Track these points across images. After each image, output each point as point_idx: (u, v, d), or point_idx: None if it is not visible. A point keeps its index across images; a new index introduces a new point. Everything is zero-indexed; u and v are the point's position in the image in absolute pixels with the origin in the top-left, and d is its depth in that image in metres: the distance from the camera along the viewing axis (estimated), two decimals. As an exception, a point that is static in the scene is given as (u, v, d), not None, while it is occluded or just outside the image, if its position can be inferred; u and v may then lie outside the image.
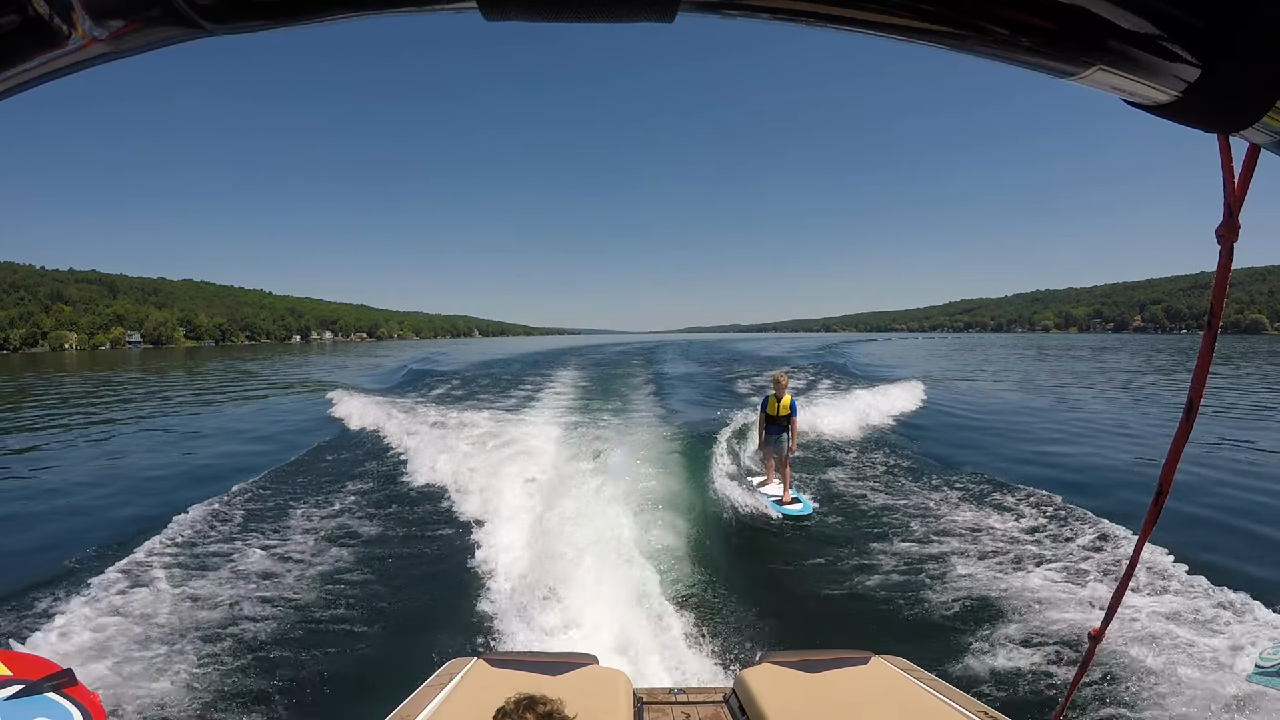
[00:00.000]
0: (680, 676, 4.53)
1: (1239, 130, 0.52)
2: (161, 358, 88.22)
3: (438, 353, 63.87)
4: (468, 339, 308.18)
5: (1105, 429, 15.45)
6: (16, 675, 1.51)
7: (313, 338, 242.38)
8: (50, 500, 10.13)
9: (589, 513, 7.22)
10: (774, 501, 8.48)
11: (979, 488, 9.39)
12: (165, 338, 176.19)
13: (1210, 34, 0.44)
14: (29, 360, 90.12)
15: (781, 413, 8.80)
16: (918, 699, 2.49)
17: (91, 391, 30.83)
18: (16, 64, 0.45)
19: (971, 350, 72.09)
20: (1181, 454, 1.01)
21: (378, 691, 4.21)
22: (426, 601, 6.02)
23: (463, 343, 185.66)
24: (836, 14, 0.46)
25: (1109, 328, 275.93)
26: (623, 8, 0.44)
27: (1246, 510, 8.59)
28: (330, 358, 74.05)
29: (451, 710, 2.34)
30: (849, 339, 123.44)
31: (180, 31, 0.45)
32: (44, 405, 24.78)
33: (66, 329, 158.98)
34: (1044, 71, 0.50)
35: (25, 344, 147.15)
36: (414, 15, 0.47)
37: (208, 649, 5.01)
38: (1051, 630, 5.14)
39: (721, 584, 6.26)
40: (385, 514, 8.61)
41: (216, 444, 15.11)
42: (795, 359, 41.42)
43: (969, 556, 6.76)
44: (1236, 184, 0.73)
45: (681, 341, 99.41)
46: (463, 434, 12.72)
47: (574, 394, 22.16)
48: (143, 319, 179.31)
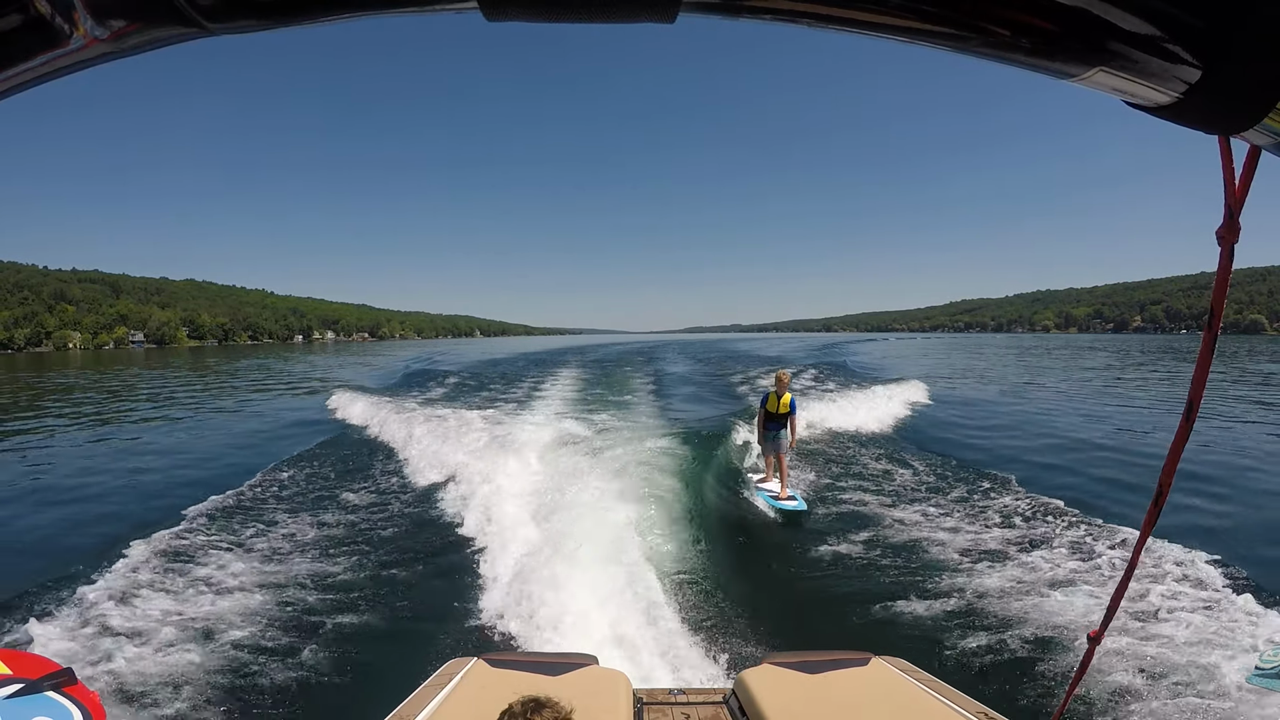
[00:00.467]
0: (680, 677, 4.54)
1: (1239, 132, 0.52)
2: (165, 357, 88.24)
3: (439, 352, 64.27)
4: (469, 339, 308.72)
5: (1107, 429, 15.31)
6: (16, 674, 1.51)
7: (315, 338, 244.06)
8: (50, 499, 10.05)
9: (589, 512, 7.24)
10: (770, 498, 8.52)
11: (979, 488, 9.36)
12: (168, 337, 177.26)
13: (1210, 35, 0.44)
14: (34, 360, 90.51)
15: (781, 410, 8.84)
16: (918, 700, 2.50)
17: (113, 390, 31.08)
18: (18, 63, 0.45)
19: (959, 350, 72.68)
20: (1181, 455, 1.01)
21: (378, 691, 4.25)
22: (426, 601, 6.01)
23: (464, 343, 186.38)
24: (838, 15, 0.47)
25: (1109, 328, 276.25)
26: (624, 8, 0.45)
27: (1251, 507, 8.53)
28: (333, 357, 74.40)
29: (451, 710, 2.35)
30: (846, 339, 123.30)
31: (181, 31, 0.45)
32: (35, 405, 24.70)
33: (70, 329, 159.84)
34: (1045, 73, 0.50)
35: (30, 343, 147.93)
36: (415, 15, 0.47)
37: (207, 648, 5.01)
38: (1051, 632, 5.15)
39: (722, 584, 6.28)
40: (385, 513, 8.60)
41: (217, 443, 15.06)
42: (794, 358, 41.51)
43: (968, 557, 6.76)
44: (1237, 185, 0.73)
45: (682, 341, 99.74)
46: (463, 433, 12.69)
47: (575, 393, 22.12)
48: (146, 319, 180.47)
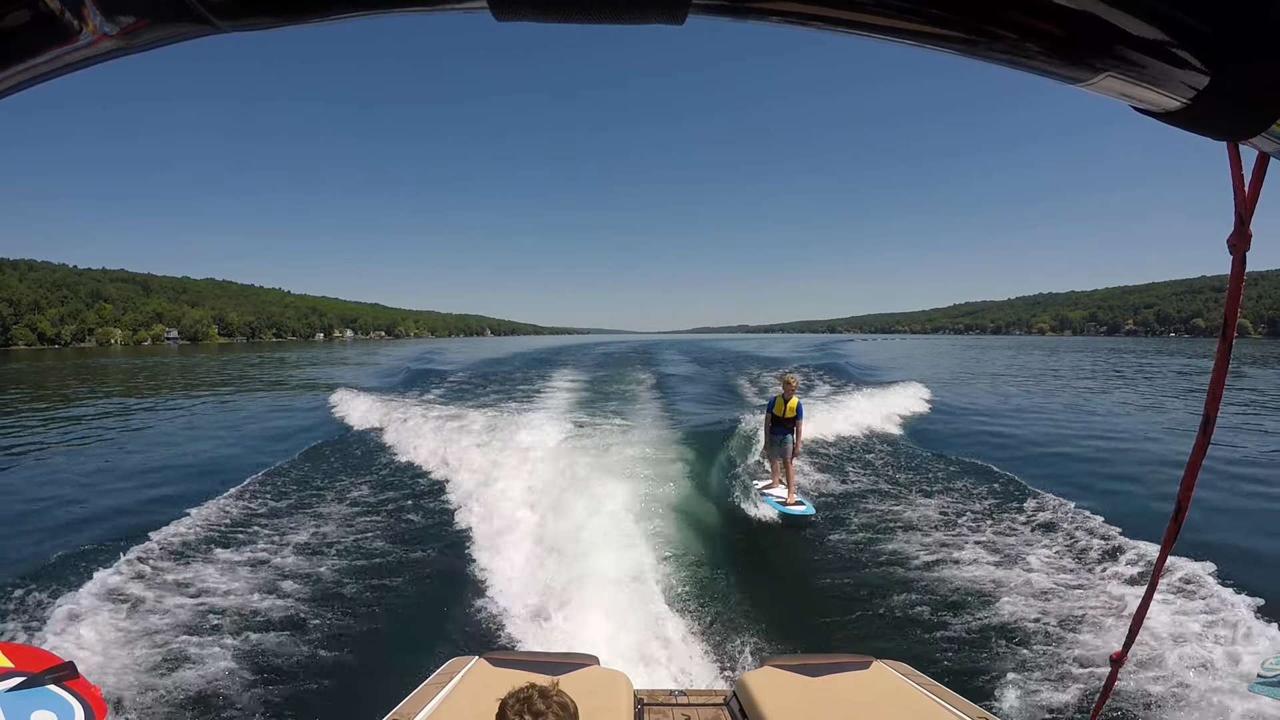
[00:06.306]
0: (681, 678, 4.50)
1: (1248, 138, 0.52)
2: (199, 352, 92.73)
3: (452, 350, 66.40)
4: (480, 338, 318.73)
5: (1119, 433, 15.07)
6: (18, 668, 1.54)
7: (335, 335, 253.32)
8: (50, 497, 10.10)
9: (591, 513, 7.26)
10: (777, 503, 8.42)
11: (986, 493, 9.24)
12: (200, 334, 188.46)
13: (1219, 41, 0.44)
14: (79, 354, 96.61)
15: (788, 414, 8.72)
16: (919, 704, 2.50)
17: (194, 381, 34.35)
18: (27, 59, 0.45)
19: (949, 351, 74.22)
20: (1199, 470, 0.99)
21: (378, 689, 4.24)
22: (428, 600, 6.01)
23: (475, 341, 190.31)
24: (847, 18, 0.47)
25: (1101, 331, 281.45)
26: (633, 9, 0.45)
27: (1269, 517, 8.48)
28: (360, 353, 77.45)
29: (452, 708, 2.38)
30: (838, 339, 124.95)
31: (191, 28, 0.46)
32: (32, 403, 25.05)
33: (110, 325, 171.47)
34: (1053, 77, 0.51)
35: (75, 339, 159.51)
36: (423, 14, 0.47)
37: (209, 645, 5.00)
38: (1057, 639, 5.08)
39: (723, 586, 6.25)
40: (387, 512, 8.62)
41: (217, 443, 15.05)
42: (798, 358, 41.74)
43: (973, 562, 6.66)
44: (1247, 192, 0.73)
45: (688, 341, 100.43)
46: (466, 432, 12.74)
47: (578, 393, 22.10)
48: (179, 316, 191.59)
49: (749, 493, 8.89)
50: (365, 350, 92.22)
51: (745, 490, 8.99)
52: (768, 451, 9.20)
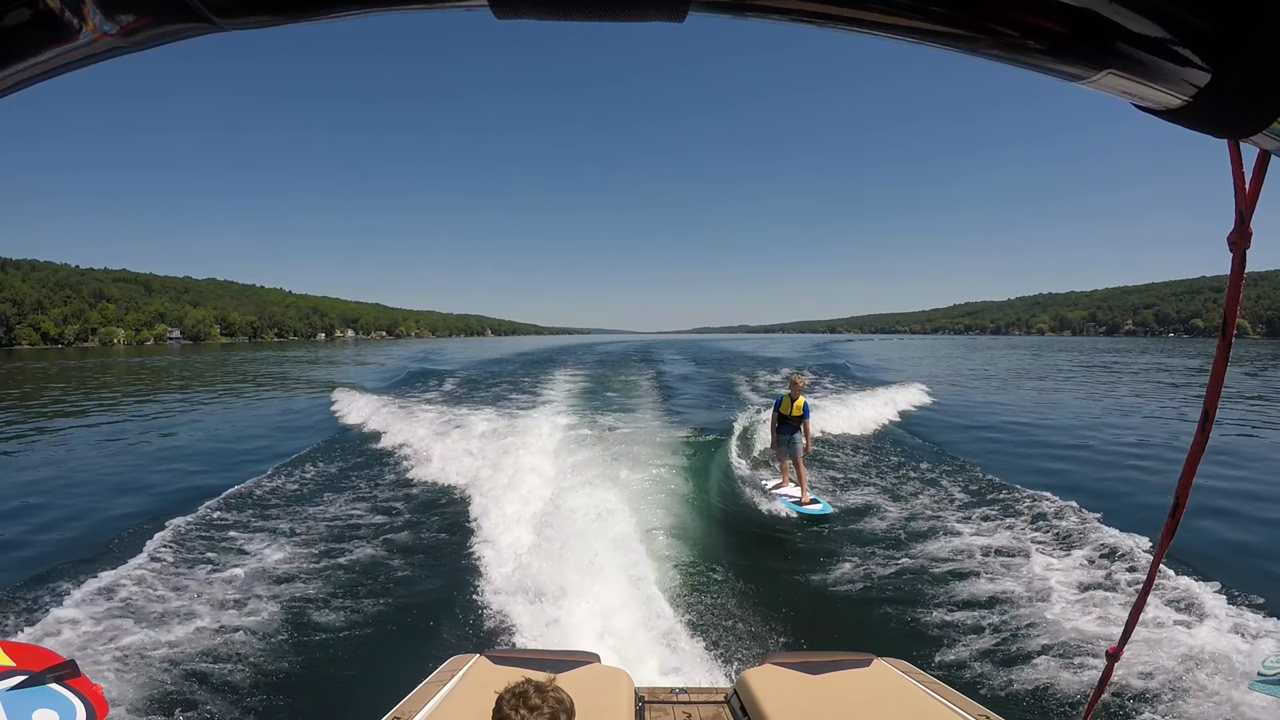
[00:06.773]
0: (682, 676, 4.49)
1: (1249, 135, 0.52)
2: (199, 352, 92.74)
3: (453, 350, 66.76)
4: (480, 338, 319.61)
5: (1115, 432, 15.15)
6: (20, 666, 1.53)
7: (336, 335, 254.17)
8: (50, 497, 10.08)
9: (593, 511, 7.26)
10: (792, 503, 8.38)
11: (987, 491, 9.24)
12: (203, 334, 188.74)
13: (1220, 39, 0.44)
14: (81, 353, 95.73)
15: (795, 413, 8.72)
16: (919, 701, 2.51)
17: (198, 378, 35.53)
18: (27, 57, 0.45)
19: (949, 351, 74.85)
20: (1198, 467, 0.99)
21: (380, 687, 4.22)
22: (429, 598, 6.02)
23: (476, 341, 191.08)
24: (848, 15, 0.47)
25: (1101, 331, 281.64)
26: (633, 7, 0.46)
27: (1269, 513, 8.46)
28: (360, 353, 77.55)
29: (453, 706, 2.39)
30: (838, 339, 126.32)
31: (190, 26, 0.46)
32: (27, 403, 25.49)
33: (113, 325, 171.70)
34: (1055, 75, 0.51)
35: (78, 339, 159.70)
36: (423, 12, 0.47)
37: (210, 643, 5.03)
38: (1058, 641, 5.06)
39: (724, 584, 6.27)
40: (388, 511, 8.63)
41: (217, 443, 15.06)
42: (799, 359, 42.06)
43: (975, 561, 6.67)
44: (1247, 190, 0.73)
45: (688, 341, 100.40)
46: (467, 431, 12.76)
47: (579, 392, 22.22)
48: (181, 316, 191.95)
49: (754, 491, 8.88)
50: (366, 350, 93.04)
51: (749, 489, 8.97)
52: (775, 451, 9.21)
